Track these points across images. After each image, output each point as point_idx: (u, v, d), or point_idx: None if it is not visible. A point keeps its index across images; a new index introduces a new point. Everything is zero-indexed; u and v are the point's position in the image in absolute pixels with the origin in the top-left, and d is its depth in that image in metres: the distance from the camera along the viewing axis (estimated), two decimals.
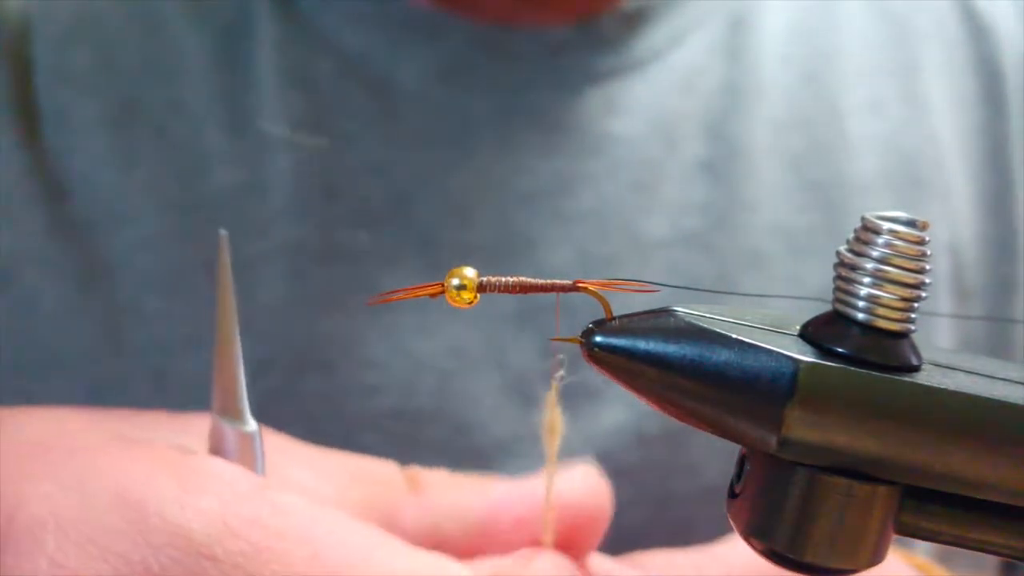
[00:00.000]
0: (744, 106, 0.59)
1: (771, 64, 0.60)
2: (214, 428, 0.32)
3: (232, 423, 0.31)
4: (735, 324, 0.24)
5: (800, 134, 0.60)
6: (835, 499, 0.24)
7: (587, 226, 0.55)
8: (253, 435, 0.32)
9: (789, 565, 0.24)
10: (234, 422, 0.32)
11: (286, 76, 0.55)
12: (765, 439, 0.23)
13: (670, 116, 0.58)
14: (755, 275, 0.56)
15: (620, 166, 0.56)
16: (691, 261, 0.56)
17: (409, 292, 0.26)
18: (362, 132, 0.55)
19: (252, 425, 0.32)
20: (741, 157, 0.58)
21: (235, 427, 0.32)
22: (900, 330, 0.24)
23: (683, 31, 0.60)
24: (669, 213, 0.56)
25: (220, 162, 0.54)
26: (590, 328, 0.25)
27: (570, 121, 0.56)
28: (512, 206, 0.55)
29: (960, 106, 0.63)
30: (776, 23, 0.62)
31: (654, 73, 0.58)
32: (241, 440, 0.32)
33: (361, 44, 0.56)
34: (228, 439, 0.32)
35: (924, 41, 0.64)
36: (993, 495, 0.24)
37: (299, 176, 0.54)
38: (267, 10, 0.56)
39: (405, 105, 0.56)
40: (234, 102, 0.55)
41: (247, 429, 0.32)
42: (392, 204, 0.54)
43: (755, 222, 0.57)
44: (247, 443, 0.32)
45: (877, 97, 0.62)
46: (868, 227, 0.24)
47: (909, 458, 0.23)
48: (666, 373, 0.24)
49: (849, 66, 0.62)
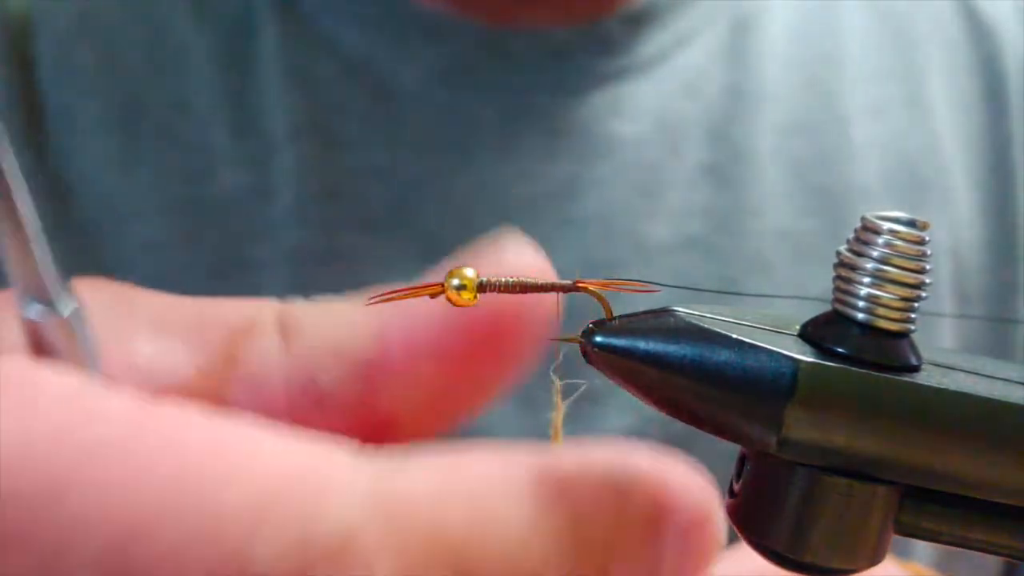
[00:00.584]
0: (747, 110, 0.59)
1: (774, 68, 0.61)
2: (25, 325, 0.24)
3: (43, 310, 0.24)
4: (735, 324, 0.24)
5: (803, 138, 0.60)
6: (835, 499, 0.24)
7: (590, 230, 0.55)
8: (71, 320, 0.24)
9: (789, 565, 0.24)
10: (46, 308, 0.24)
11: (289, 78, 0.55)
12: (765, 439, 0.23)
13: (673, 120, 0.58)
14: (759, 279, 0.57)
15: (623, 170, 0.56)
16: (695, 265, 0.56)
17: (409, 292, 0.26)
18: (365, 135, 0.55)
19: (68, 307, 0.24)
20: (744, 161, 0.58)
21: (48, 314, 0.24)
22: (900, 330, 0.24)
23: (686, 34, 0.60)
24: (673, 217, 0.56)
25: (224, 164, 0.54)
26: (590, 328, 0.25)
27: (573, 124, 0.57)
28: (515, 209, 0.55)
29: (962, 109, 0.63)
30: (779, 27, 0.62)
31: (658, 76, 0.59)
32: (59, 329, 0.24)
33: (364, 46, 0.56)
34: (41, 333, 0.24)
35: (926, 44, 0.64)
36: (993, 495, 0.24)
37: (302, 178, 0.54)
38: (270, 11, 0.56)
39: (408, 107, 0.56)
40: (238, 103, 0.55)
41: (62, 313, 0.24)
42: (394, 207, 0.54)
43: (759, 227, 0.57)
44: (65, 331, 0.24)
45: (879, 101, 0.62)
46: (868, 227, 0.24)
47: (909, 458, 0.23)
48: (666, 373, 0.24)
49: (851, 70, 0.62)
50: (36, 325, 0.24)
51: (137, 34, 0.57)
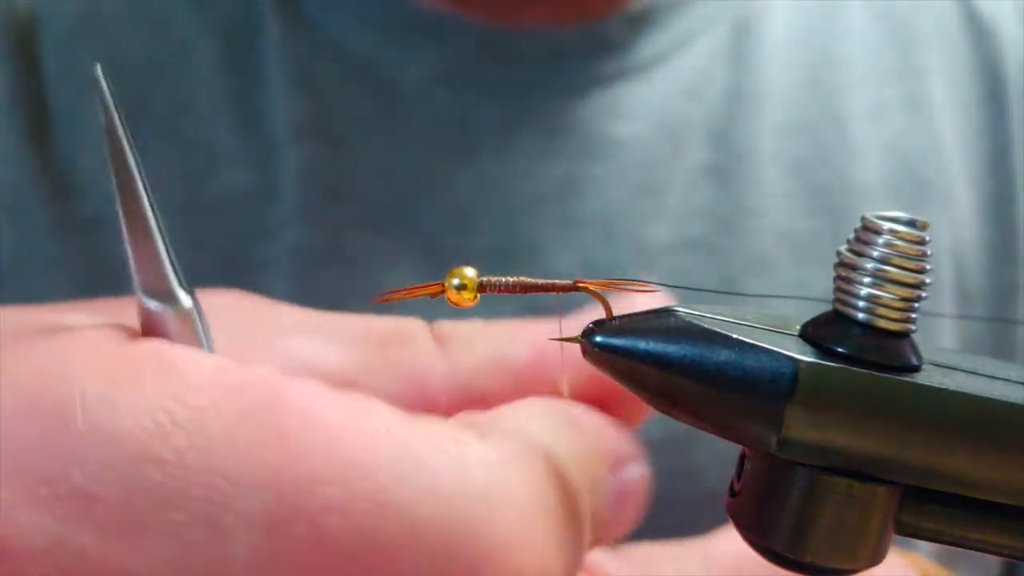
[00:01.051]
0: (748, 111, 0.59)
1: (775, 69, 0.61)
2: (144, 316, 0.26)
3: (163, 304, 0.25)
4: (735, 324, 0.24)
5: (803, 139, 0.60)
6: (835, 499, 0.24)
7: (591, 231, 0.55)
8: (190, 312, 0.26)
9: (789, 565, 0.24)
10: (165, 303, 0.25)
11: (292, 79, 0.55)
12: (765, 439, 0.23)
13: (674, 120, 0.58)
14: (759, 280, 0.57)
15: (624, 170, 0.57)
16: (695, 266, 0.56)
17: (410, 292, 0.26)
18: (367, 135, 0.55)
19: (187, 302, 0.26)
20: (745, 162, 0.58)
21: (167, 308, 0.25)
22: (900, 330, 0.24)
23: (687, 35, 0.60)
24: (673, 218, 0.57)
25: (227, 164, 0.54)
26: (590, 328, 0.25)
27: (574, 124, 0.57)
28: (516, 210, 0.55)
29: (962, 109, 0.63)
30: (779, 28, 0.62)
31: (658, 77, 0.59)
32: (178, 322, 0.26)
33: (366, 47, 0.56)
34: (162, 324, 0.25)
35: (926, 45, 0.64)
36: (993, 495, 0.24)
37: (305, 178, 0.54)
38: (273, 12, 0.56)
39: (410, 108, 0.56)
40: (241, 104, 0.55)
41: (182, 307, 0.26)
42: (397, 206, 0.54)
43: (759, 227, 0.58)
44: (184, 324, 0.26)
45: (880, 102, 0.62)
46: (868, 227, 0.24)
47: (909, 458, 0.23)
48: (666, 373, 0.24)
49: (852, 71, 0.62)
50: (157, 316, 0.25)
51: (140, 35, 0.57)
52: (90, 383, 0.22)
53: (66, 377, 0.22)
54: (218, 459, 0.21)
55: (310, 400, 0.23)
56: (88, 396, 0.22)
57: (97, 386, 0.22)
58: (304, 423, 0.22)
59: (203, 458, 0.21)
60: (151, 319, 0.25)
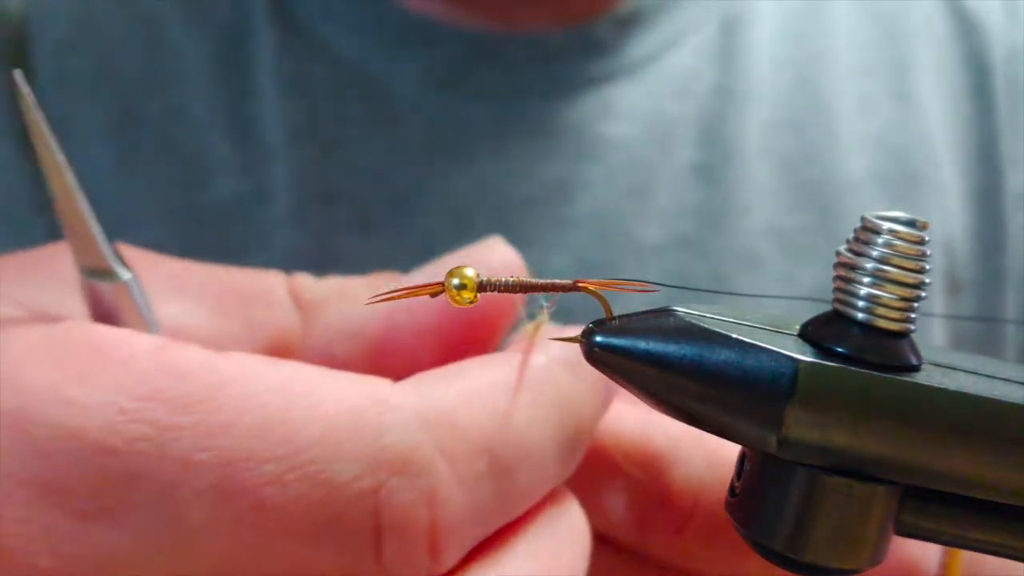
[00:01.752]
0: (736, 109, 0.59)
1: (763, 67, 0.61)
2: (85, 291, 0.27)
3: (101, 279, 0.27)
4: (735, 324, 0.24)
5: (791, 136, 0.60)
6: (835, 499, 0.24)
7: (583, 230, 0.55)
8: (128, 284, 0.27)
9: (789, 565, 0.24)
10: (103, 277, 0.27)
11: (285, 84, 0.55)
12: (765, 439, 0.23)
13: (664, 120, 0.58)
14: (750, 276, 0.57)
15: (615, 170, 0.57)
16: (687, 264, 0.56)
17: (409, 291, 0.26)
18: (360, 139, 0.55)
19: (124, 274, 0.27)
20: (734, 160, 0.58)
21: (106, 282, 0.27)
22: (900, 330, 0.24)
23: (676, 35, 0.60)
24: (664, 217, 0.57)
25: (221, 170, 0.54)
26: (590, 328, 0.25)
27: (565, 125, 0.57)
28: (509, 211, 0.55)
29: (950, 102, 0.63)
30: (767, 26, 0.62)
31: (648, 77, 0.59)
32: (117, 294, 0.27)
33: (358, 52, 0.56)
34: (103, 298, 0.27)
35: (913, 39, 0.64)
36: (993, 495, 0.24)
37: (298, 182, 0.54)
38: (265, 18, 0.56)
39: (402, 112, 0.56)
40: (234, 110, 0.55)
41: (120, 279, 0.27)
42: (390, 210, 0.54)
43: (749, 224, 0.58)
44: (124, 296, 0.27)
45: (868, 96, 0.62)
46: (868, 227, 0.24)
47: (909, 458, 0.23)
48: (666, 373, 0.24)
49: (839, 66, 0.62)
50: (97, 289, 0.27)
51: (134, 42, 0.57)
52: (40, 384, 0.24)
53: (16, 380, 0.24)
54: (168, 444, 0.23)
55: (245, 379, 0.24)
56: (43, 396, 0.23)
57: (48, 386, 0.24)
58: (241, 403, 0.24)
59: (152, 445, 0.23)
60: (93, 294, 0.27)
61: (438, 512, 0.25)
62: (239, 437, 0.24)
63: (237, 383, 0.24)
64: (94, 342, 0.25)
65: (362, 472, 0.24)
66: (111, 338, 0.25)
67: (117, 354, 0.24)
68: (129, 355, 0.24)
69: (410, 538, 0.25)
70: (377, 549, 0.25)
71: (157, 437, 0.23)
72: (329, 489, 0.24)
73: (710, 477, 0.31)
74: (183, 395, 0.24)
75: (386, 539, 0.24)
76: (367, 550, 0.25)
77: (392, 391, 0.26)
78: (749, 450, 0.26)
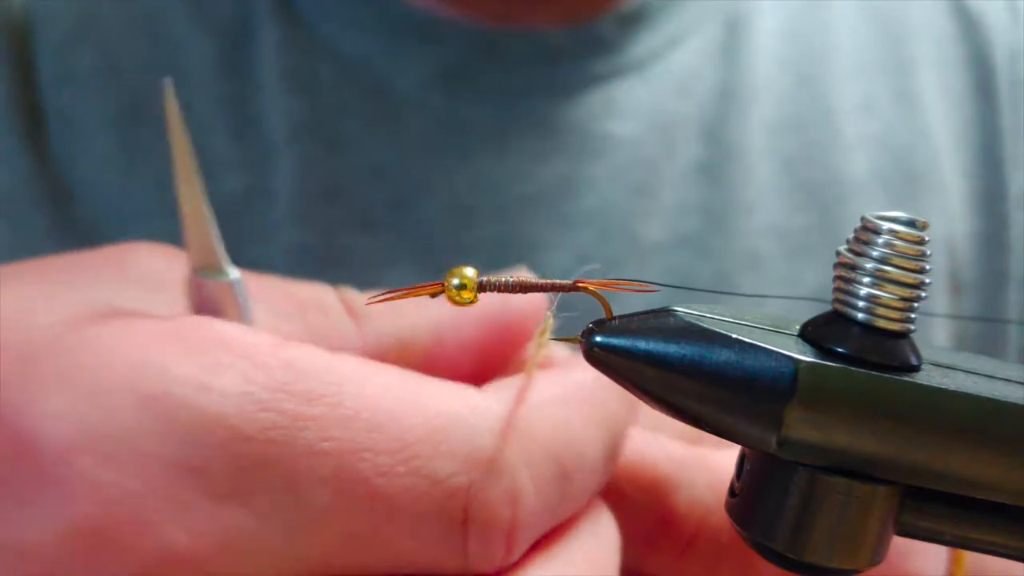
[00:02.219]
0: (739, 108, 0.59)
1: (765, 66, 0.61)
2: (194, 287, 0.29)
3: (213, 276, 0.29)
4: (735, 324, 0.24)
5: (794, 135, 0.60)
6: (835, 499, 0.24)
7: (586, 229, 0.55)
8: (236, 283, 0.29)
9: (789, 565, 0.24)
10: (215, 274, 0.29)
11: (287, 81, 0.55)
12: (765, 439, 0.23)
13: (667, 118, 0.58)
14: (752, 276, 0.57)
15: (618, 169, 0.57)
16: (689, 263, 0.56)
17: (409, 292, 0.26)
18: (363, 136, 0.55)
19: (233, 273, 0.29)
20: (737, 159, 0.58)
21: (216, 279, 0.29)
22: (900, 330, 0.24)
23: (679, 34, 0.60)
24: (667, 215, 0.57)
25: (223, 166, 0.54)
26: (590, 328, 0.25)
27: (568, 124, 0.57)
28: (512, 209, 0.55)
29: (952, 102, 0.63)
30: (770, 25, 0.62)
31: (651, 75, 0.59)
32: (224, 292, 0.29)
33: (361, 49, 0.56)
34: (211, 295, 0.29)
35: (916, 38, 0.64)
36: (993, 495, 0.24)
37: (300, 180, 0.54)
38: (268, 15, 0.56)
39: (405, 109, 0.56)
40: (236, 106, 0.55)
41: (229, 278, 0.29)
42: (393, 207, 0.54)
43: (751, 223, 0.58)
44: (230, 294, 0.29)
45: (870, 96, 0.62)
46: (868, 227, 0.24)
47: (909, 458, 0.23)
48: (666, 373, 0.24)
49: (842, 66, 0.62)
50: (205, 286, 0.29)
51: (136, 38, 0.57)
52: (181, 372, 0.25)
53: (159, 368, 0.25)
54: (295, 433, 0.25)
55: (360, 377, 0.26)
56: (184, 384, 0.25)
57: (188, 375, 0.25)
58: (358, 400, 0.26)
59: (282, 434, 0.25)
60: (202, 291, 0.29)
61: (518, 511, 0.27)
62: (357, 431, 0.26)
63: (354, 381, 0.26)
64: (220, 336, 0.26)
65: (458, 469, 0.26)
66: (234, 333, 0.26)
67: (242, 348, 0.26)
68: (255, 349, 0.26)
69: (493, 532, 0.26)
70: (464, 540, 0.26)
71: (288, 426, 0.25)
72: (431, 483, 0.26)
73: (713, 501, 0.32)
74: (309, 389, 0.26)
75: (472, 531, 0.26)
76: (456, 540, 0.26)
77: (481, 398, 0.28)
78: (749, 450, 0.26)
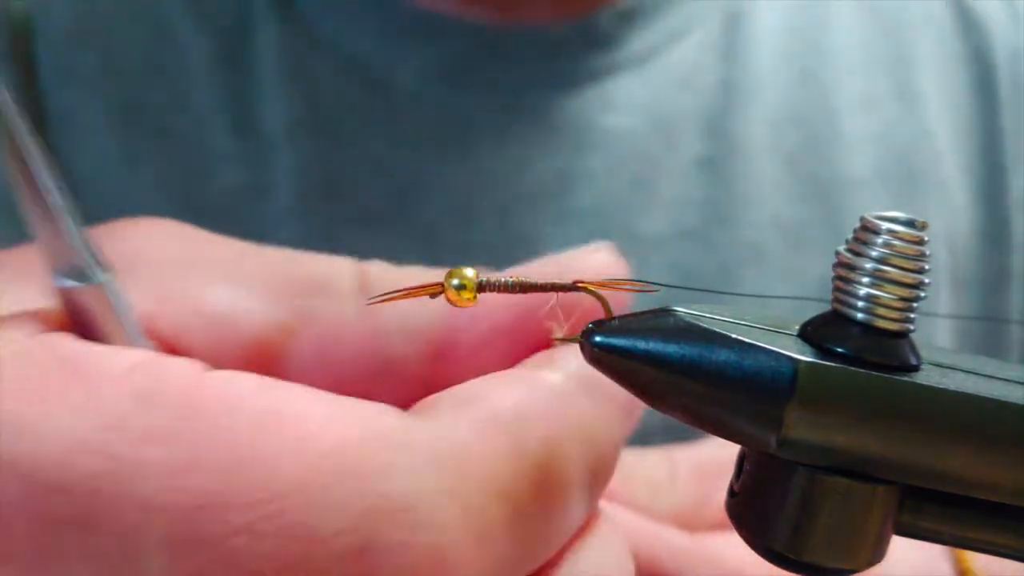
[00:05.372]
0: (740, 103, 0.59)
1: (766, 61, 0.61)
2: (58, 295, 0.25)
3: (77, 281, 0.24)
4: (735, 324, 0.24)
5: (795, 130, 0.60)
6: (835, 499, 0.24)
7: (587, 224, 0.55)
8: (103, 287, 0.24)
9: (788, 565, 0.24)
10: (79, 279, 0.24)
11: (287, 76, 0.55)
12: (765, 439, 0.23)
13: (668, 113, 0.58)
14: (754, 269, 0.57)
15: (619, 163, 0.57)
16: (690, 257, 0.56)
17: (409, 292, 0.26)
18: (363, 131, 0.55)
19: (99, 275, 0.24)
20: (738, 154, 0.58)
21: (82, 284, 0.24)
22: (899, 330, 0.24)
23: (680, 28, 0.60)
24: (668, 210, 0.57)
25: (224, 162, 0.54)
26: (590, 328, 0.25)
27: (568, 118, 0.57)
28: (512, 204, 0.55)
29: (953, 99, 0.63)
30: (771, 20, 0.62)
31: (651, 70, 0.59)
32: (94, 298, 0.24)
33: (361, 44, 0.56)
34: (78, 303, 0.24)
35: (916, 35, 0.64)
36: (993, 495, 0.24)
37: (301, 176, 0.54)
38: (268, 10, 0.56)
39: (405, 104, 0.56)
40: (236, 102, 0.55)
41: (96, 282, 0.24)
42: (393, 202, 0.54)
43: (753, 217, 0.58)
44: (101, 300, 0.24)
45: (871, 92, 0.62)
46: (867, 227, 0.24)
47: (909, 458, 0.23)
48: (666, 373, 0.24)
49: (843, 62, 0.62)
50: (71, 294, 0.24)
51: (136, 35, 0.57)
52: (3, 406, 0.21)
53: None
54: (126, 483, 0.20)
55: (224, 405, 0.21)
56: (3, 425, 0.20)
57: (6, 411, 0.21)
58: (214, 434, 0.21)
59: (111, 483, 0.20)
60: (67, 298, 0.24)
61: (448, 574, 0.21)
62: (207, 476, 0.20)
63: (213, 410, 0.21)
64: (67, 359, 0.22)
65: (350, 526, 0.20)
66: (86, 355, 0.22)
67: (82, 374, 0.21)
68: (99, 375, 0.21)
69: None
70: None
71: (116, 474, 0.20)
72: (307, 545, 0.20)
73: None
74: (150, 424, 0.21)
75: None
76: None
77: (400, 424, 0.22)
78: (749, 450, 0.26)
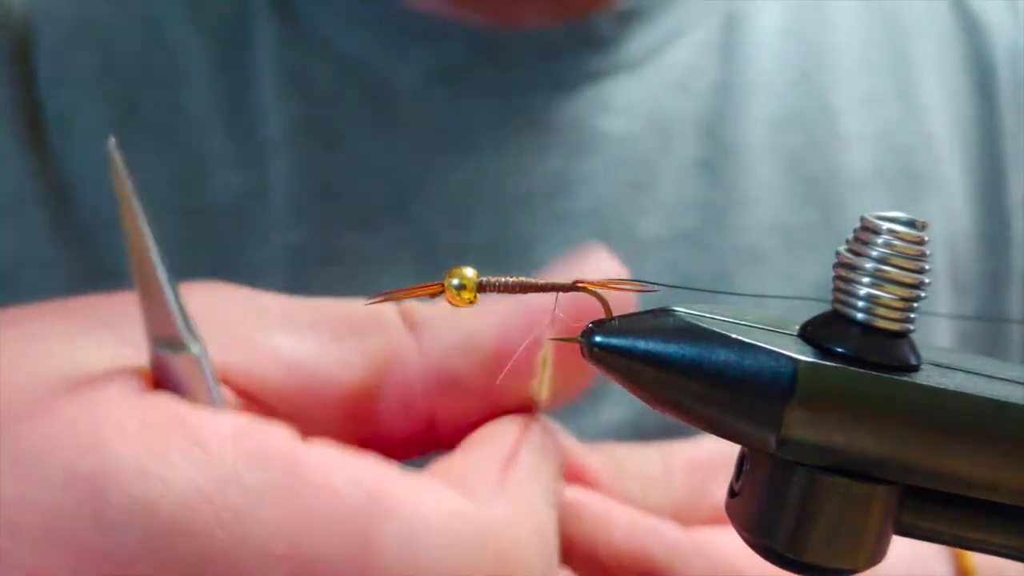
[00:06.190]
0: (738, 105, 0.59)
1: (764, 62, 0.61)
2: (155, 361, 0.26)
3: (173, 351, 0.26)
4: (734, 324, 0.24)
5: (794, 131, 0.60)
6: (835, 499, 0.24)
7: (584, 226, 0.55)
8: (199, 359, 0.26)
9: (788, 565, 0.24)
10: (176, 349, 0.26)
11: (285, 79, 0.55)
12: (765, 439, 0.23)
13: (665, 115, 0.58)
14: (752, 272, 0.57)
15: (616, 165, 0.57)
16: (688, 259, 0.56)
17: (409, 292, 0.26)
18: (361, 134, 0.55)
19: (195, 347, 0.26)
20: (736, 155, 0.58)
21: (178, 354, 0.26)
22: (899, 330, 0.24)
23: (677, 30, 0.60)
24: (665, 212, 0.57)
25: (221, 165, 0.54)
26: (590, 328, 0.25)
27: (565, 121, 0.57)
28: (509, 206, 0.55)
29: (952, 100, 0.63)
30: (769, 21, 0.62)
31: (649, 72, 0.59)
32: (187, 367, 0.26)
33: (359, 47, 0.56)
34: (172, 370, 0.26)
35: (916, 36, 0.64)
36: (993, 495, 0.24)
37: (299, 179, 0.54)
38: (265, 14, 0.56)
39: (403, 107, 0.56)
40: (234, 106, 0.55)
41: (191, 353, 0.26)
42: (391, 205, 0.54)
43: (751, 219, 0.58)
44: (194, 369, 0.26)
45: (870, 93, 0.62)
46: (867, 227, 0.24)
47: (909, 458, 0.23)
48: (665, 373, 0.24)
49: (842, 63, 0.62)
50: (167, 361, 0.26)
51: (134, 39, 0.57)
52: (123, 454, 0.23)
53: (100, 447, 0.23)
54: (243, 532, 0.22)
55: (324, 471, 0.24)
56: (122, 467, 0.22)
57: (130, 457, 0.23)
58: (319, 496, 0.23)
59: (229, 531, 0.22)
60: (162, 364, 0.26)
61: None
62: (318, 535, 0.23)
63: (316, 474, 0.24)
64: (178, 417, 0.24)
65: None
66: (193, 415, 0.24)
67: (198, 432, 0.24)
68: (209, 435, 0.24)
69: None
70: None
71: (235, 523, 0.22)
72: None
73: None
74: (264, 481, 0.23)
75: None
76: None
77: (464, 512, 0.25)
78: (749, 450, 0.26)
